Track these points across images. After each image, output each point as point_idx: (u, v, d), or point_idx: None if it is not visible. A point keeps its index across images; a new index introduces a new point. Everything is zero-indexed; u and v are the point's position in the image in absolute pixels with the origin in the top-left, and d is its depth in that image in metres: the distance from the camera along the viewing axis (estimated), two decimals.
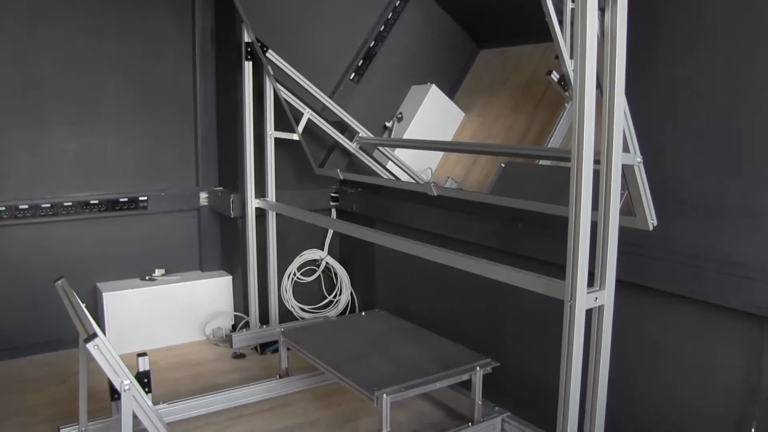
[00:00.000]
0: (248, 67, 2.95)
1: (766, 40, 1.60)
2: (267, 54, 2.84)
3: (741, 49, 1.66)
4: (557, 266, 1.64)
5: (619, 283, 1.60)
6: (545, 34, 1.60)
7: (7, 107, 2.96)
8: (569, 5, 1.48)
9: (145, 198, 3.27)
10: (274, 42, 2.83)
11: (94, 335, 1.70)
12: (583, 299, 1.51)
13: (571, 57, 1.51)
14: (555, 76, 1.99)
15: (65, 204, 3.08)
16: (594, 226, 1.51)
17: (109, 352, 1.73)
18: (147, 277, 3.29)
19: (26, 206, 3.00)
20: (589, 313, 1.55)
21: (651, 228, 1.67)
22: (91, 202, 3.14)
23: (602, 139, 1.51)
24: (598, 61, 1.43)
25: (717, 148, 1.72)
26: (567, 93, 1.84)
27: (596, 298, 1.56)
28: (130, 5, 3.17)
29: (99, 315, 3.10)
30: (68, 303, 2.01)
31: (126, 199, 3.22)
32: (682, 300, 1.81)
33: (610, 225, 1.54)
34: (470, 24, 2.51)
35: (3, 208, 2.96)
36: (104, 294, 3.08)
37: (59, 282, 2.17)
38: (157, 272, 3.33)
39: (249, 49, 2.93)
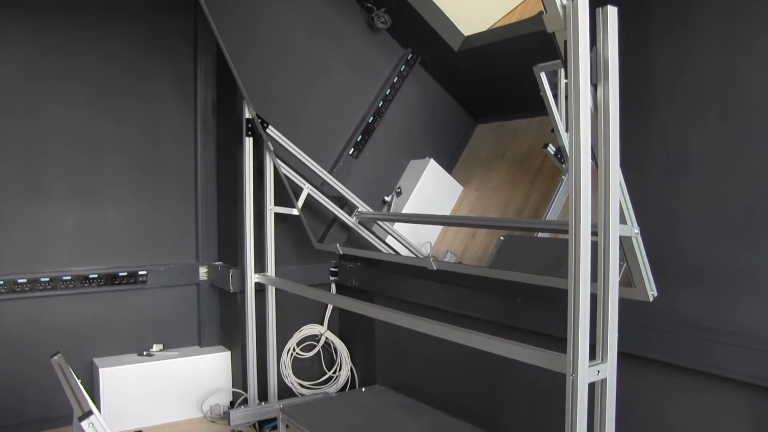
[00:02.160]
0: (249, 143, 2.99)
1: (757, 105, 1.63)
2: (267, 130, 2.88)
3: (732, 115, 1.69)
4: (558, 339, 1.62)
5: (622, 355, 1.58)
6: (541, 108, 1.64)
7: (9, 179, 2.99)
8: (563, 81, 1.51)
9: (145, 272, 3.26)
10: (274, 118, 2.88)
11: (90, 413, 1.67)
12: (585, 373, 1.49)
13: (567, 130, 1.53)
14: (551, 149, 2.02)
15: (64, 278, 3.07)
16: (594, 298, 1.50)
17: (104, 430, 1.69)
18: (144, 353, 3.25)
19: (25, 280, 2.99)
20: (591, 386, 1.53)
21: (651, 299, 1.66)
22: (90, 276, 3.13)
23: (599, 211, 1.52)
24: (592, 134, 1.45)
25: (714, 215, 1.73)
26: (564, 165, 1.86)
27: (598, 372, 1.53)
28: (134, 81, 3.24)
29: (95, 391, 3.05)
30: (64, 379, 1.97)
31: (125, 273, 3.21)
32: (686, 372, 1.78)
33: (610, 297, 1.53)
34: (467, 99, 2.56)
35: (1, 282, 2.95)
36: (100, 370, 3.04)
37: (55, 357, 2.14)
38: (155, 347, 3.29)
39: (249, 125, 2.98)
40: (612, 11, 1.44)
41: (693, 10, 1.78)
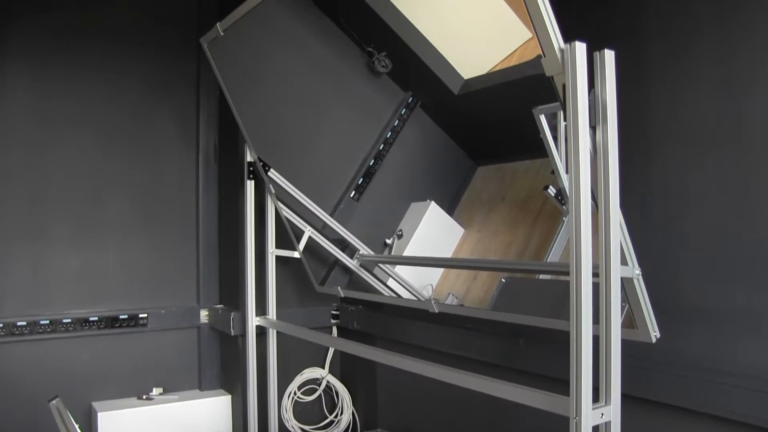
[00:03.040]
0: (250, 186, 3.01)
1: (756, 145, 1.64)
2: (269, 173, 2.90)
3: (731, 155, 1.70)
4: (561, 381, 1.61)
5: (625, 397, 1.57)
6: (541, 150, 1.64)
7: (11, 220, 3.01)
8: (562, 123, 1.53)
9: (145, 315, 3.25)
10: (275, 161, 2.90)
11: None
12: (588, 416, 1.47)
13: (567, 172, 1.54)
14: (552, 190, 2.03)
15: (64, 321, 3.06)
16: (597, 340, 1.50)
17: None
18: (144, 396, 3.22)
19: (24, 323, 2.98)
20: (595, 429, 1.51)
21: (654, 340, 1.65)
22: (90, 318, 3.12)
23: (600, 252, 1.52)
24: (592, 176, 1.46)
25: (716, 255, 1.73)
26: (564, 207, 1.86)
27: (602, 414, 1.52)
28: (137, 125, 3.28)
29: None
30: (62, 424, 1.96)
31: (126, 316, 3.20)
32: (690, 414, 1.76)
33: (612, 339, 1.53)
34: (468, 141, 2.58)
35: (1, 325, 2.94)
36: (99, 414, 3.00)
37: (54, 401, 2.12)
38: (155, 391, 3.26)
39: (251, 168, 3.00)
40: (609, 54, 1.46)
41: (690, 52, 1.81)
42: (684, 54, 1.82)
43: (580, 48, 1.40)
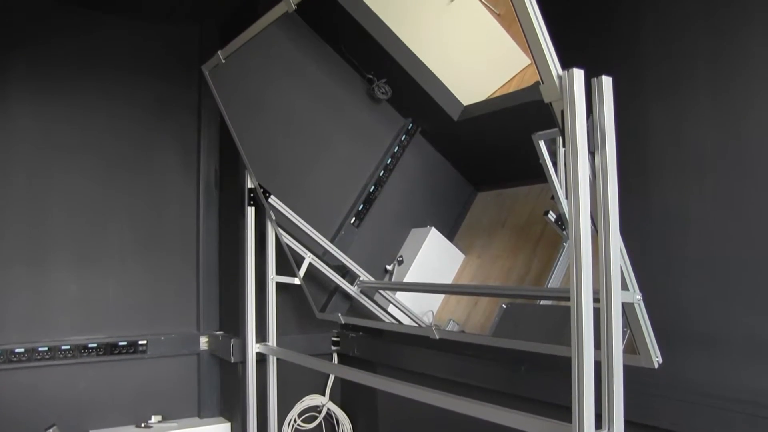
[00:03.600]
0: (251, 212, 3.01)
1: (754, 169, 1.65)
2: (269, 200, 2.90)
3: (730, 179, 1.70)
4: (564, 408, 1.59)
5: (628, 423, 1.55)
6: (541, 176, 1.65)
7: (12, 246, 3.01)
8: (561, 149, 1.53)
9: (145, 342, 3.24)
10: (276, 188, 2.90)
11: None
12: None
13: (567, 197, 1.54)
14: (552, 216, 2.03)
15: (63, 347, 3.05)
16: (598, 365, 1.49)
17: None
18: (143, 424, 3.19)
19: (22, 350, 2.97)
20: None
21: (656, 366, 1.64)
22: (90, 345, 3.11)
23: (600, 277, 1.51)
24: (591, 201, 1.46)
25: (717, 279, 1.72)
26: (564, 232, 1.87)
27: None
28: (139, 152, 3.31)
29: None
30: None
31: (125, 343, 3.19)
32: None
33: (614, 365, 1.52)
34: (468, 167, 2.58)
35: None
36: None
37: (51, 430, 2.11)
38: (153, 419, 3.24)
39: (251, 195, 3.01)
40: (607, 81, 1.47)
41: (688, 78, 1.82)
42: (682, 79, 1.84)
43: (578, 75, 1.41)
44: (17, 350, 2.97)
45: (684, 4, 1.84)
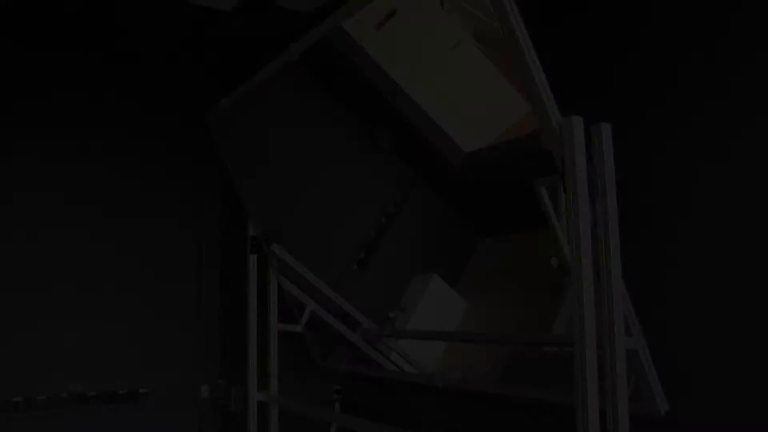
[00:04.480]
0: (253, 260, 3.01)
1: (757, 213, 1.65)
2: (271, 248, 2.90)
3: (732, 223, 1.70)
4: None
5: None
6: (543, 222, 1.65)
7: (9, 293, 2.99)
8: (563, 196, 1.54)
9: (145, 390, 3.21)
10: (278, 235, 2.90)
11: None
12: None
13: (568, 243, 1.54)
14: (555, 262, 2.02)
15: (61, 396, 3.01)
16: (603, 413, 1.47)
17: None
18: None
19: (20, 399, 2.94)
20: None
21: (662, 413, 1.62)
22: (89, 394, 3.07)
23: (604, 324, 1.51)
24: (593, 247, 1.46)
25: (722, 324, 1.71)
26: (567, 278, 1.86)
27: None
28: (139, 196, 3.31)
29: None
30: None
31: (125, 392, 3.16)
32: None
33: (619, 413, 1.50)
34: (470, 214, 2.59)
35: None
36: None
37: None
38: None
39: (254, 243, 3.01)
40: (606, 128, 1.48)
41: (687, 123, 1.83)
42: (680, 124, 1.85)
43: (577, 122, 1.43)
44: (14, 399, 2.92)
45: (685, 48, 1.86)
